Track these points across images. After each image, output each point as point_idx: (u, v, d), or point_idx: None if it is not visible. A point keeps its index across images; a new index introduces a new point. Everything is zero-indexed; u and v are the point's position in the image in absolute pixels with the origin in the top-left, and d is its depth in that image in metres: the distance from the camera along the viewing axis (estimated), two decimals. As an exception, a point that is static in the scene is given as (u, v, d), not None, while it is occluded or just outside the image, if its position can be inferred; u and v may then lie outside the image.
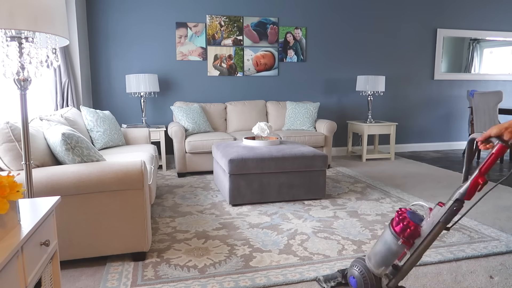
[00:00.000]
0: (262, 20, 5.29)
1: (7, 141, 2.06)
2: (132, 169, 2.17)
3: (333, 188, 3.85)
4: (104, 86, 4.97)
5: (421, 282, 2.01)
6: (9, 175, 1.18)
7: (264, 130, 3.69)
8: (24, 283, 1.14)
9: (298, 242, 2.50)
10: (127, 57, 4.98)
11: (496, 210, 3.18)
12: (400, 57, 5.90)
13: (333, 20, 5.55)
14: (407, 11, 5.82)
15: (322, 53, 5.58)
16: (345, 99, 5.78)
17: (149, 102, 5.13)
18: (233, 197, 3.26)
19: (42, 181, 2.03)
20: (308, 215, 3.05)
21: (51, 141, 2.26)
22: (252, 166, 3.24)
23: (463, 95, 6.27)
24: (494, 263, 2.21)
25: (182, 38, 5.08)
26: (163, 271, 2.12)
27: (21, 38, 1.69)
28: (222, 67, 5.26)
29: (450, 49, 6.10)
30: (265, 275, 2.06)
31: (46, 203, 1.41)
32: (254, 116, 5.07)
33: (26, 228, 1.17)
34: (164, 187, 3.92)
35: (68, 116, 3.24)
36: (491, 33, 6.21)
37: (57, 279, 1.49)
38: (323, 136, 4.74)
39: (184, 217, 3.00)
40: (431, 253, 2.32)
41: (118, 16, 4.88)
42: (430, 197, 3.54)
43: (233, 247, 2.44)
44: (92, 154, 2.29)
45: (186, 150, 4.35)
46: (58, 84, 4.16)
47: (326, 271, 2.10)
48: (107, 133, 3.65)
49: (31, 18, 1.56)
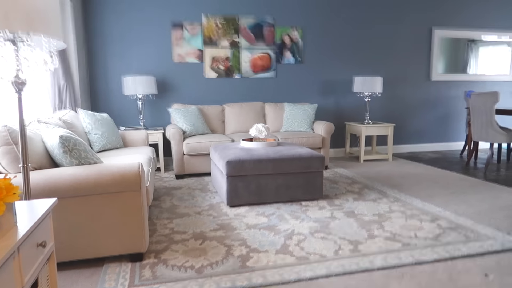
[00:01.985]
0: (259, 21, 5.31)
1: (5, 144, 2.08)
2: (129, 171, 2.18)
3: (331, 189, 3.87)
4: (102, 89, 4.98)
5: (417, 280, 2.02)
6: (5, 178, 1.19)
7: (262, 131, 3.71)
8: (20, 284, 1.15)
9: (295, 242, 2.52)
10: (124, 59, 5.00)
11: (492, 209, 3.20)
12: (397, 58, 5.93)
13: (330, 22, 5.58)
14: (404, 12, 5.85)
15: (319, 54, 5.60)
16: (343, 101, 5.80)
17: (147, 104, 5.14)
18: (230, 198, 3.28)
19: (40, 183, 2.04)
20: (305, 215, 3.06)
21: (49, 144, 2.27)
22: (249, 167, 3.26)
23: (460, 95, 6.30)
24: (489, 262, 2.23)
25: (179, 40, 5.10)
26: (161, 272, 2.13)
27: (16, 42, 1.70)
28: (220, 69, 5.28)
29: (447, 49, 6.13)
30: (262, 275, 2.08)
31: (43, 205, 1.42)
32: (251, 118, 5.09)
33: (22, 230, 1.18)
34: (162, 189, 3.93)
35: (66, 118, 3.25)
36: (487, 32, 6.24)
37: (54, 280, 1.50)
38: (320, 137, 4.76)
39: (182, 219, 3.01)
40: (426, 252, 2.34)
41: (114, 18, 4.90)
42: (427, 197, 3.55)
43: (230, 247, 2.45)
44: (90, 156, 2.30)
45: (184, 152, 4.36)
46: (56, 86, 4.17)
47: (323, 271, 2.11)
48: (105, 135, 3.66)
49: (25, 19, 1.57)
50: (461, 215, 3.06)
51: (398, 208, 3.22)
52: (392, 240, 2.55)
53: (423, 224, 2.84)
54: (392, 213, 3.09)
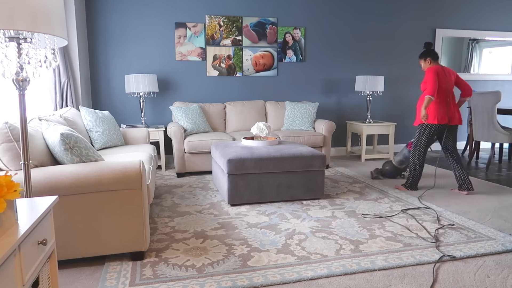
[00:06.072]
0: (261, 20, 5.30)
1: (6, 141, 2.07)
2: (131, 169, 2.18)
3: (332, 188, 3.86)
4: (103, 86, 4.98)
5: (418, 281, 2.02)
6: (6, 175, 1.19)
7: (263, 130, 3.70)
8: (21, 282, 1.15)
9: (296, 242, 2.51)
10: (126, 57, 4.99)
11: (493, 209, 3.19)
12: (399, 57, 5.91)
13: (332, 21, 5.56)
14: (406, 11, 5.83)
15: (321, 53, 5.59)
16: (344, 99, 5.78)
17: (148, 102, 5.14)
18: (231, 197, 3.27)
19: (41, 181, 2.04)
20: (306, 215, 3.06)
21: (50, 141, 2.27)
22: (250, 166, 3.25)
23: (462, 95, 6.27)
24: (491, 263, 2.22)
25: (181, 38, 5.09)
26: (161, 271, 2.13)
27: (19, 39, 1.69)
28: (221, 67, 5.27)
29: (449, 49, 6.11)
30: (263, 275, 2.07)
31: (44, 202, 1.42)
32: (253, 116, 5.08)
33: (23, 227, 1.18)
34: (163, 187, 3.93)
35: (67, 116, 3.25)
36: (490, 33, 6.22)
37: (55, 278, 1.50)
38: (322, 136, 4.75)
39: (183, 217, 3.01)
40: (427, 253, 2.33)
41: (117, 16, 4.89)
42: (428, 197, 3.54)
43: (231, 246, 2.45)
44: (91, 154, 2.30)
45: (185, 150, 4.36)
46: (58, 84, 4.17)
47: (324, 271, 2.11)
48: (106, 133, 3.66)
49: (30, 19, 1.56)
50: (462, 215, 3.05)
51: (399, 208, 3.21)
52: (394, 240, 2.55)
53: (424, 224, 2.83)
54: (393, 213, 3.08)
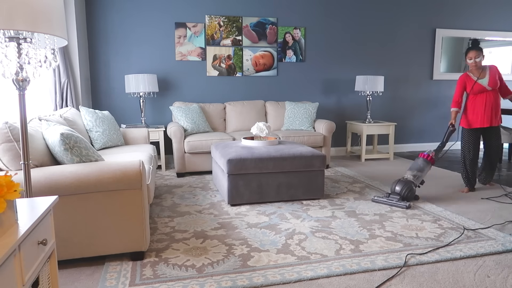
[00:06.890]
0: (261, 20, 5.30)
1: (6, 141, 2.07)
2: (131, 169, 2.18)
3: (332, 188, 3.86)
4: (103, 86, 4.98)
5: (418, 281, 2.02)
6: (6, 175, 1.19)
7: (263, 130, 3.70)
8: (21, 282, 1.15)
9: (296, 242, 2.51)
10: (126, 57, 4.99)
11: (493, 209, 3.19)
12: (399, 57, 5.91)
13: (332, 20, 5.56)
14: (406, 11, 5.83)
15: (321, 53, 5.59)
16: (344, 99, 5.78)
17: (148, 102, 5.14)
18: (231, 197, 3.27)
19: (41, 181, 2.04)
20: (306, 215, 3.06)
21: (50, 141, 2.27)
22: (250, 166, 3.25)
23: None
24: (491, 263, 2.22)
25: (181, 38, 5.09)
26: (161, 271, 2.13)
27: (19, 39, 1.69)
28: (221, 67, 5.27)
29: (449, 49, 6.11)
30: (263, 275, 2.07)
31: (44, 202, 1.42)
32: (253, 116, 5.08)
33: (23, 227, 1.17)
34: (163, 187, 3.93)
35: (67, 116, 3.25)
36: (490, 33, 6.22)
37: (55, 278, 1.50)
38: (322, 136, 4.75)
39: (183, 217, 3.01)
40: (427, 253, 2.33)
41: (117, 16, 4.89)
42: (428, 197, 3.54)
43: (231, 246, 2.45)
44: (91, 154, 2.30)
45: (185, 150, 4.36)
46: (58, 84, 4.17)
47: (324, 271, 2.11)
48: (106, 133, 3.66)
49: (30, 19, 1.56)
50: (462, 215, 3.05)
51: (399, 208, 3.21)
52: (393, 240, 2.55)
53: (424, 224, 2.83)
54: (393, 213, 3.08)
